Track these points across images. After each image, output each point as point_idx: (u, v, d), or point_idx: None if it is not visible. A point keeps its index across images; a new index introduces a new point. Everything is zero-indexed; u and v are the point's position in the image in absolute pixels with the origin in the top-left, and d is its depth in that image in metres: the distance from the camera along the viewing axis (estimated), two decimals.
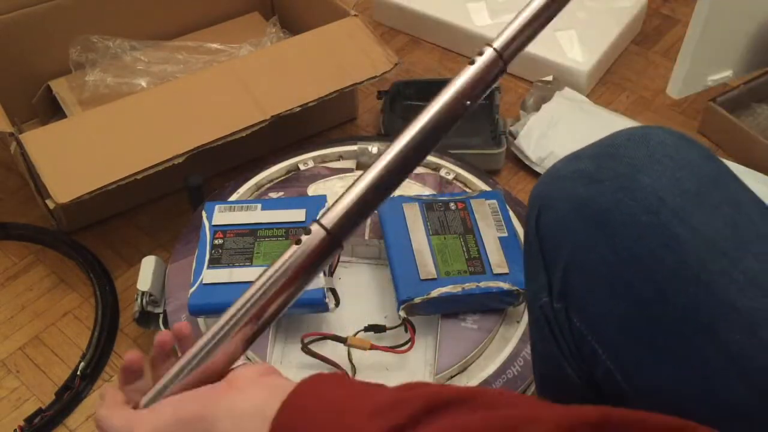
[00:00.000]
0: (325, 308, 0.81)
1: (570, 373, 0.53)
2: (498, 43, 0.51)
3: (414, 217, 0.89)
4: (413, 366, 0.82)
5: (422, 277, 0.82)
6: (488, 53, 0.51)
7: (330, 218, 0.48)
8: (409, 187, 0.99)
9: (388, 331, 0.82)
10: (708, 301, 0.45)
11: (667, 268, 0.46)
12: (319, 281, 0.81)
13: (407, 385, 0.43)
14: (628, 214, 0.47)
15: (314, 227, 0.48)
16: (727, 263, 0.45)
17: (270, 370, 0.49)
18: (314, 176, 1.02)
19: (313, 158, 1.05)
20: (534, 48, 1.30)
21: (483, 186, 1.01)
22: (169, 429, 0.46)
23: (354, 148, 1.06)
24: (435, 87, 0.58)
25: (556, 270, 0.52)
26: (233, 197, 0.99)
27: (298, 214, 0.89)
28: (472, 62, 0.51)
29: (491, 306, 0.85)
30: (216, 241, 0.86)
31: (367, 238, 0.92)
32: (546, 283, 0.53)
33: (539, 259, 0.53)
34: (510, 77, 1.35)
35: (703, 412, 0.46)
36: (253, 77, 1.02)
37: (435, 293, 0.81)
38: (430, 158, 1.04)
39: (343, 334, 0.81)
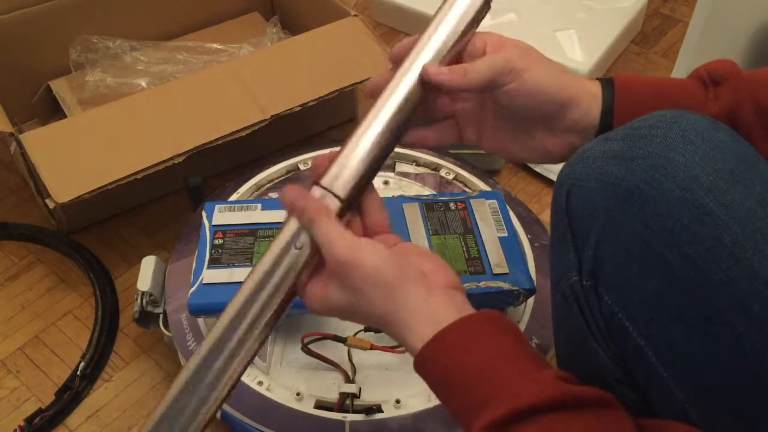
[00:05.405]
0: None
1: (597, 350, 0.54)
2: None
3: (414, 217, 0.89)
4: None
5: None
6: None
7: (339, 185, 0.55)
8: (409, 187, 0.99)
9: None
10: (742, 277, 0.45)
11: (702, 243, 0.46)
12: None
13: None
14: (661, 190, 0.47)
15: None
16: (760, 240, 0.46)
17: (455, 284, 0.54)
18: None
19: (313, 158, 1.05)
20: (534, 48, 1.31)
21: (483, 186, 1.01)
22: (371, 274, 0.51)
23: None
24: None
25: (586, 247, 0.52)
26: (233, 197, 0.99)
27: None
28: None
29: (491, 306, 0.85)
30: (216, 241, 0.86)
31: None
32: (575, 262, 0.53)
33: (568, 238, 0.53)
34: None
35: (739, 389, 0.46)
36: (253, 77, 1.02)
37: None
38: (430, 158, 1.04)
39: (343, 334, 0.81)
